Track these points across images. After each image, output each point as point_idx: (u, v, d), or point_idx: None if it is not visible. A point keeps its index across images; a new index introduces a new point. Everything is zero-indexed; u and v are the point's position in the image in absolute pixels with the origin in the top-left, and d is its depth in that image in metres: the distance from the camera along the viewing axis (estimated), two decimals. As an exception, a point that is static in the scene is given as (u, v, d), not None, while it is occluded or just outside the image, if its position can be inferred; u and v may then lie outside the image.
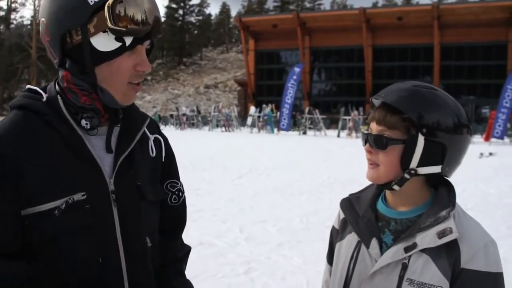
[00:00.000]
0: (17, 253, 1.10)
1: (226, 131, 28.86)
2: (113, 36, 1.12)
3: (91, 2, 1.10)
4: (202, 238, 5.34)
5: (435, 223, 1.18)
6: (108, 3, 1.10)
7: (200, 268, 4.34)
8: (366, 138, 1.28)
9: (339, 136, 25.12)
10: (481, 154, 14.69)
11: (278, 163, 12.49)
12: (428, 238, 1.18)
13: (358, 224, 1.32)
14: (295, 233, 5.80)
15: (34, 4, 60.58)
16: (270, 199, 7.88)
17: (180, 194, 1.41)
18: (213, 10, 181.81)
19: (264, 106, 29.39)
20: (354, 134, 24.84)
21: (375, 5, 78.27)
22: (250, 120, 29.64)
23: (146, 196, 1.25)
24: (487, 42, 37.91)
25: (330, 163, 12.95)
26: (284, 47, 44.66)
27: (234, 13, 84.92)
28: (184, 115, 32.62)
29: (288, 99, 27.51)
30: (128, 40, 1.14)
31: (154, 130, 1.36)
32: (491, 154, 15.10)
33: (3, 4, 69.70)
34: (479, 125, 29.84)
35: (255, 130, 28.63)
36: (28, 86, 1.23)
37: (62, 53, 1.16)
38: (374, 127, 1.27)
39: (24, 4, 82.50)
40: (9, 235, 1.08)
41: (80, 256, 1.13)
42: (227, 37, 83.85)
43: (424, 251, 1.18)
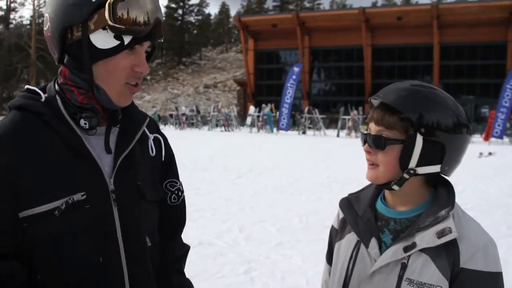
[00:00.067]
0: (13, 254, 1.10)
1: (226, 130, 28.85)
2: (112, 34, 1.12)
3: None
4: (202, 238, 5.34)
5: (435, 222, 1.18)
6: (110, 0, 1.10)
7: (200, 268, 4.34)
8: (365, 138, 1.28)
9: (338, 135, 25.13)
10: (480, 154, 14.70)
11: (277, 163, 12.49)
12: (427, 238, 1.18)
13: (357, 223, 1.32)
14: (294, 232, 5.80)
15: (34, 4, 60.54)
16: (270, 199, 7.88)
17: (180, 193, 1.41)
18: (212, 9, 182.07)
19: (263, 105, 29.41)
20: (353, 134, 24.84)
21: (374, 4, 78.21)
22: (249, 120, 29.62)
23: (146, 196, 1.24)
24: (487, 42, 37.90)
25: (330, 162, 12.95)
26: (284, 46, 44.63)
27: (233, 12, 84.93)
28: (183, 114, 32.61)
29: (287, 99, 27.52)
30: (127, 39, 1.13)
31: (154, 130, 1.36)
32: (490, 154, 15.11)
33: (2, 4, 69.83)
34: (479, 124, 29.84)
35: (255, 129, 28.63)
36: (27, 86, 1.23)
37: (62, 48, 1.16)
38: (372, 127, 1.27)
39: (23, 4, 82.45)
40: (6, 236, 1.08)
41: (81, 256, 1.13)
42: (226, 36, 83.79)
43: (424, 250, 1.18)
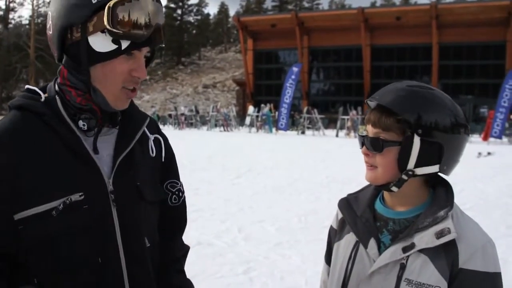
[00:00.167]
0: (8, 255, 1.10)
1: (225, 130, 28.84)
2: (110, 37, 1.11)
3: (94, 0, 1.10)
4: (201, 238, 5.34)
5: (433, 223, 1.18)
6: (110, 3, 1.09)
7: (199, 268, 4.34)
8: (362, 140, 1.27)
9: (337, 135, 25.13)
10: (479, 154, 14.71)
11: (276, 163, 12.49)
12: (426, 238, 1.18)
13: (356, 224, 1.32)
14: (293, 232, 5.80)
15: (33, 4, 60.44)
16: (269, 199, 7.88)
17: (180, 194, 1.41)
18: (211, 9, 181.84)
19: (262, 105, 29.41)
20: (352, 134, 24.83)
21: (373, 4, 78.24)
22: (248, 120, 29.62)
23: (145, 196, 1.24)
24: (485, 42, 37.93)
25: (329, 162, 12.95)
26: (283, 46, 44.64)
27: (232, 12, 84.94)
28: (182, 114, 32.58)
29: (286, 99, 27.52)
30: (124, 44, 1.12)
31: (154, 130, 1.36)
32: (489, 154, 15.12)
33: (1, 4, 69.68)
34: (478, 124, 29.85)
35: (254, 129, 28.62)
36: (27, 86, 1.23)
37: (61, 48, 1.16)
38: (370, 129, 1.27)
39: (22, 4, 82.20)
40: (6, 236, 1.09)
41: (79, 256, 1.13)
42: (225, 36, 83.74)
43: (422, 251, 1.18)
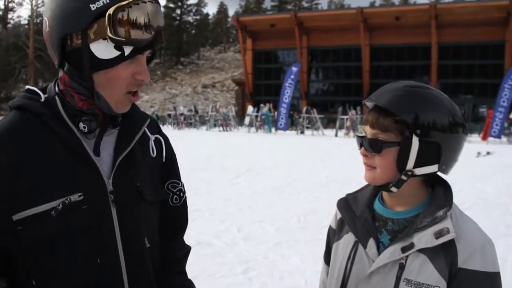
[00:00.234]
0: (6, 256, 1.10)
1: (224, 130, 28.83)
2: (112, 44, 1.11)
3: (93, 7, 1.09)
4: (200, 238, 5.34)
5: (432, 223, 1.18)
6: (110, 11, 1.08)
7: (198, 268, 4.33)
8: (361, 142, 1.27)
9: (336, 135, 25.14)
10: (478, 153, 14.72)
11: (276, 163, 12.49)
12: (425, 238, 1.18)
13: (355, 224, 1.32)
14: (293, 232, 5.80)
15: (32, 4, 60.37)
16: (268, 199, 7.88)
17: (181, 194, 1.40)
18: (210, 9, 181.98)
19: (261, 105, 29.39)
20: (351, 134, 24.82)
21: (372, 4, 78.31)
22: (247, 120, 29.61)
23: (145, 197, 1.24)
24: (484, 42, 37.96)
25: (328, 162, 12.96)
26: (282, 46, 44.64)
27: (231, 12, 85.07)
28: (181, 114, 32.56)
29: (285, 99, 27.53)
30: (127, 49, 1.12)
31: (155, 130, 1.36)
32: (488, 153, 15.13)
33: (0, 4, 69.51)
34: (477, 124, 29.85)
35: (253, 129, 28.62)
36: (27, 87, 1.23)
37: (61, 55, 1.15)
38: (368, 130, 1.26)
39: (21, 4, 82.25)
40: (4, 236, 1.08)
41: (78, 257, 1.13)
42: (224, 36, 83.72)
43: (422, 251, 1.18)
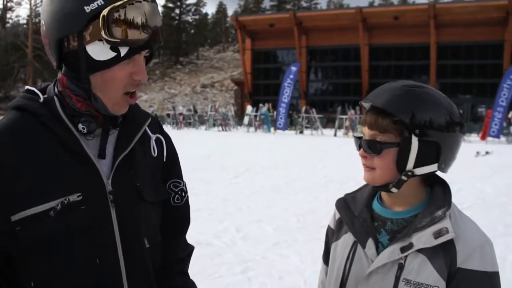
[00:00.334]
0: (5, 257, 1.10)
1: (223, 130, 28.83)
2: (108, 45, 1.10)
3: (88, 9, 1.08)
4: (199, 238, 5.33)
5: (431, 223, 1.18)
6: (104, 12, 1.07)
7: (197, 268, 4.33)
8: (359, 143, 1.26)
9: (335, 135, 25.15)
10: (477, 153, 14.74)
11: (274, 163, 12.49)
12: (424, 238, 1.17)
13: (354, 224, 1.31)
14: (292, 232, 5.80)
15: (30, 3, 60.27)
16: (267, 199, 7.88)
17: (183, 194, 1.40)
18: (209, 9, 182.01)
19: (260, 105, 29.39)
20: (350, 133, 24.83)
21: (371, 4, 78.36)
22: (246, 120, 29.59)
23: (145, 197, 1.23)
24: (483, 41, 37.96)
25: (327, 162, 12.96)
26: (281, 46, 44.61)
27: (230, 12, 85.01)
28: (180, 114, 32.55)
29: (284, 98, 27.53)
30: (123, 50, 1.11)
31: (157, 130, 1.35)
32: (487, 153, 15.15)
33: (-1, 3, 69.44)
34: (476, 124, 29.87)
35: (252, 129, 28.62)
36: (27, 87, 1.23)
37: (59, 57, 1.15)
38: (366, 132, 1.25)
39: (20, 3, 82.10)
40: (3, 236, 1.08)
41: (77, 257, 1.12)
42: (223, 36, 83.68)
43: (421, 251, 1.18)
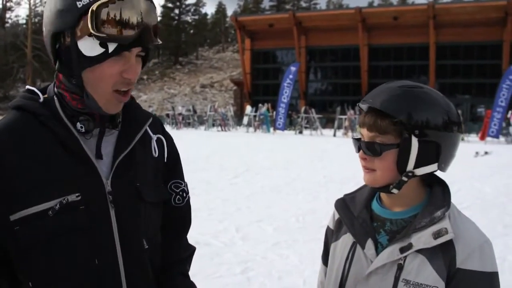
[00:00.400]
0: (3, 257, 1.10)
1: (222, 130, 28.81)
2: (97, 41, 1.10)
3: (79, 5, 1.08)
4: (199, 238, 5.33)
5: (431, 223, 1.18)
6: (93, 7, 1.07)
7: (197, 268, 4.30)
8: (358, 145, 1.25)
9: (335, 135, 25.13)
10: (476, 153, 14.74)
11: (274, 163, 12.49)
12: (423, 239, 1.17)
13: (353, 224, 1.31)
14: (291, 232, 5.80)
15: (30, 3, 60.26)
16: (267, 199, 7.88)
17: (184, 194, 1.39)
18: (209, 9, 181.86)
19: (260, 105, 29.36)
20: (350, 134, 24.82)
21: (370, 4, 78.36)
22: (246, 120, 29.55)
23: (145, 197, 1.23)
24: (482, 42, 37.98)
25: (326, 162, 12.96)
26: (280, 46, 44.60)
27: (230, 12, 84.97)
28: (180, 114, 32.52)
29: (284, 99, 27.52)
30: (111, 46, 1.10)
31: (158, 130, 1.35)
32: (486, 153, 15.15)
33: (-2, 3, 69.35)
34: (475, 124, 29.90)
35: (251, 129, 28.59)
36: (27, 87, 1.23)
37: (54, 54, 1.16)
38: (365, 133, 1.24)
39: (19, 3, 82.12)
40: (2, 236, 1.08)
41: (76, 257, 1.12)
42: (223, 36, 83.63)
43: (420, 251, 1.18)
